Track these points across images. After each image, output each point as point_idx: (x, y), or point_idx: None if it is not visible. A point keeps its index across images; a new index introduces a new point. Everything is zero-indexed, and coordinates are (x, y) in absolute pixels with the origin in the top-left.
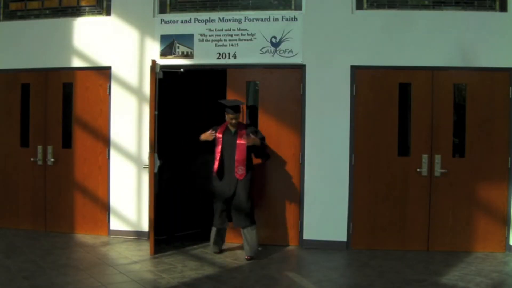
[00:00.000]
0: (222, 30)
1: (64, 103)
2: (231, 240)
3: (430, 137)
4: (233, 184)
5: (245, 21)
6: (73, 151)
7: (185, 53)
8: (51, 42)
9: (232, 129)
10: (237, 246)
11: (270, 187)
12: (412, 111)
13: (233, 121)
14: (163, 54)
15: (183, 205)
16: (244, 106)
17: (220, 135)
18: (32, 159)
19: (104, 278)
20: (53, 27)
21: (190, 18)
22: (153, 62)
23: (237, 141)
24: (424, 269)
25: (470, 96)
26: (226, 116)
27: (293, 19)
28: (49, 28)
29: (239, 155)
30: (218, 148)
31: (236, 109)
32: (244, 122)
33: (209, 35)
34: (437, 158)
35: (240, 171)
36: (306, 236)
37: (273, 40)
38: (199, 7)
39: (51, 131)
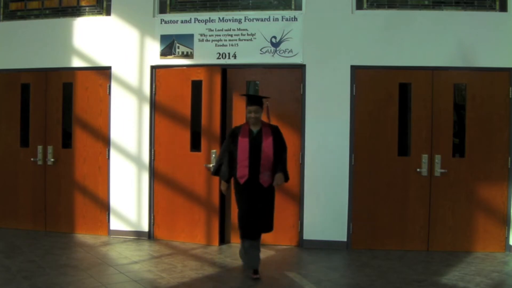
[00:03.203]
0: (222, 30)
1: (64, 103)
2: (230, 240)
3: (430, 137)
4: (256, 192)
5: (245, 21)
6: (73, 151)
7: (185, 53)
8: (51, 42)
9: (254, 128)
10: (237, 246)
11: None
12: (412, 111)
13: (252, 114)
14: (163, 54)
15: None
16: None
17: (245, 137)
18: (32, 159)
19: (104, 278)
20: (53, 27)
21: (190, 18)
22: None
23: (263, 143)
24: (424, 269)
25: (470, 96)
26: (246, 110)
27: (293, 19)
28: (49, 28)
29: (265, 158)
30: (244, 151)
31: (255, 100)
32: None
33: (209, 35)
34: (437, 158)
35: (265, 177)
36: (306, 236)
37: (273, 40)
38: (199, 7)
39: (51, 131)
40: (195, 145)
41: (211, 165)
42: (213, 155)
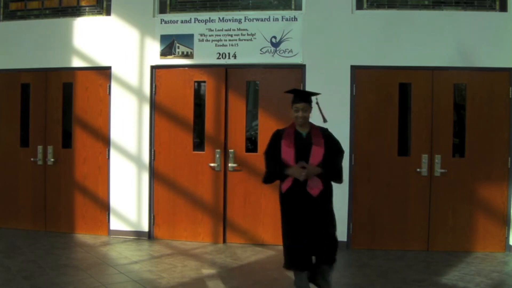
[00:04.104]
0: (222, 30)
1: (64, 103)
2: (231, 240)
3: (430, 137)
4: (306, 205)
5: (245, 21)
6: (73, 151)
7: (185, 53)
8: (51, 42)
9: (303, 131)
10: (237, 246)
11: (270, 187)
12: (412, 111)
13: (300, 113)
14: (163, 54)
15: None
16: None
17: (289, 141)
18: (32, 159)
19: (104, 278)
20: (53, 27)
21: (190, 18)
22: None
23: (313, 146)
24: (424, 269)
25: (470, 96)
26: (292, 109)
27: (293, 19)
28: (49, 28)
29: (313, 163)
30: (289, 156)
31: (303, 96)
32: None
33: (209, 35)
34: (437, 158)
35: (313, 184)
36: None
37: (273, 40)
38: (199, 7)
39: (51, 131)
40: (198, 145)
41: (215, 164)
42: (217, 155)
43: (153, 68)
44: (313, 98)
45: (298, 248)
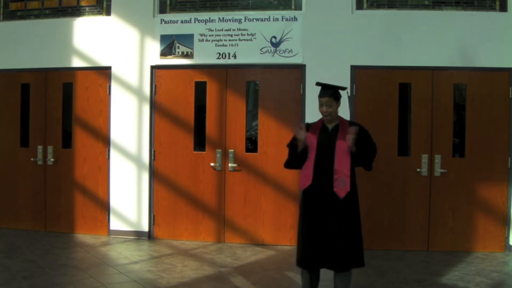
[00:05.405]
0: (222, 30)
1: (64, 103)
2: (230, 240)
3: (430, 137)
4: (331, 204)
5: (245, 21)
6: (73, 151)
7: (185, 53)
8: (51, 42)
9: (329, 126)
10: (237, 246)
11: (270, 187)
12: (412, 111)
13: (324, 108)
14: (163, 54)
15: None
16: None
17: (314, 135)
18: (32, 159)
19: (104, 278)
20: (53, 27)
21: (190, 18)
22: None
23: (337, 141)
24: (424, 269)
25: (470, 96)
26: (319, 103)
27: (293, 19)
28: (49, 28)
29: (340, 161)
30: (311, 153)
31: (326, 90)
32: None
33: (209, 35)
34: (437, 158)
35: (341, 185)
36: None
37: (273, 40)
38: (199, 7)
39: (51, 131)
40: (199, 145)
41: (217, 164)
42: (218, 155)
43: (153, 68)
44: (344, 92)
45: (306, 248)
